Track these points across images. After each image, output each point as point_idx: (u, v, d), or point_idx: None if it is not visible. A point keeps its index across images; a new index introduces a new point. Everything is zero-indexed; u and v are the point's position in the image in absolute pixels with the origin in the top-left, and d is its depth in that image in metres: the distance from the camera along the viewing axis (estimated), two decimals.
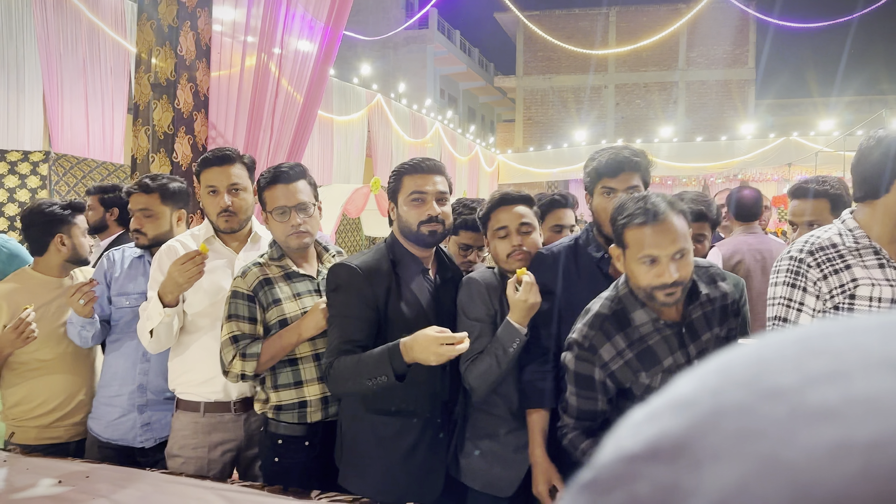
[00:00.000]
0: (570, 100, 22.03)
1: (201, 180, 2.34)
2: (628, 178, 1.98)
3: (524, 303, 1.90)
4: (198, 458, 2.27)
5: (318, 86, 4.20)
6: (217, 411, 2.30)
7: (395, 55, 22.62)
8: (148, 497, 1.97)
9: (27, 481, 2.07)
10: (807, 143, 15.10)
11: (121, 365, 2.45)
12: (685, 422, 0.21)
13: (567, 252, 2.08)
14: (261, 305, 2.14)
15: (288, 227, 2.14)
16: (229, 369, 2.10)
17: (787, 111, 22.51)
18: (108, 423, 2.45)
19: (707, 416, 0.21)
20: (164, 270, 2.28)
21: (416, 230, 1.98)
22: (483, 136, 22.07)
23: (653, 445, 0.21)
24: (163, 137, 3.72)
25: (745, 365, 0.22)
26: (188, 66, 3.79)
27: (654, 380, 1.74)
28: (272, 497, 1.97)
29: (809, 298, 1.79)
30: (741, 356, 0.23)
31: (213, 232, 2.38)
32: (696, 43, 21.07)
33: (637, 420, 0.23)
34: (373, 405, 1.98)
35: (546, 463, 1.95)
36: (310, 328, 2.09)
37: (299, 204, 2.16)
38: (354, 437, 2.03)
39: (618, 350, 1.76)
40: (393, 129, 12.62)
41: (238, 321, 2.12)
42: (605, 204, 1.99)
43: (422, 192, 1.98)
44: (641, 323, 1.75)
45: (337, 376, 1.89)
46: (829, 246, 1.81)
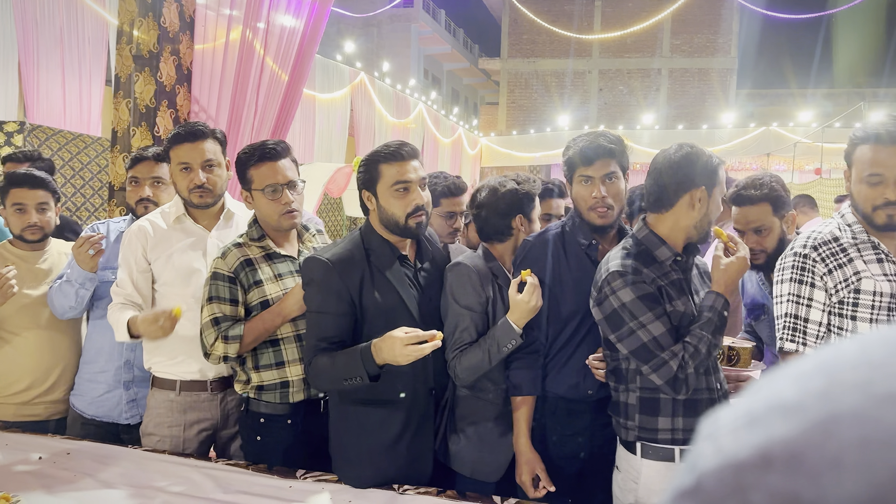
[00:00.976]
0: (554, 84, 22.00)
1: (172, 156, 2.27)
2: (604, 165, 1.98)
3: (526, 304, 1.89)
4: (173, 437, 2.25)
5: (304, 64, 4.14)
6: (193, 390, 2.28)
7: (380, 33, 22.39)
8: (130, 474, 1.96)
9: (7, 458, 2.05)
10: (786, 133, 15.25)
11: (106, 341, 2.41)
12: (797, 428, 0.20)
13: (555, 240, 2.08)
14: (242, 287, 2.11)
15: (280, 206, 2.11)
16: (211, 351, 2.07)
17: (766, 101, 22.69)
18: (92, 400, 2.43)
19: (822, 422, 0.20)
20: (131, 254, 2.26)
21: (403, 223, 1.93)
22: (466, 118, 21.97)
23: (764, 453, 0.20)
24: (144, 111, 3.65)
25: (852, 367, 0.21)
26: (171, 38, 3.72)
27: (685, 307, 1.81)
28: (257, 476, 1.97)
29: (818, 293, 1.82)
30: (842, 357, 0.22)
31: (184, 210, 2.33)
32: (680, 30, 21.10)
33: (733, 423, 0.22)
34: (357, 395, 1.97)
35: (531, 453, 1.97)
36: (292, 309, 2.07)
37: (290, 181, 2.12)
38: (341, 427, 2.02)
39: (652, 275, 1.81)
40: (376, 108, 12.50)
41: (219, 303, 2.09)
42: (584, 192, 1.99)
43: (406, 181, 1.91)
44: (665, 258, 1.83)
45: (316, 375, 1.90)
46: (832, 240, 1.85)
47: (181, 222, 2.32)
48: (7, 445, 2.15)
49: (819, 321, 1.83)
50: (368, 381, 1.79)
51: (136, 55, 3.61)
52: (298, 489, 1.89)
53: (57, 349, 2.50)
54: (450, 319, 2.02)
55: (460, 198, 2.57)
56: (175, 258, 2.26)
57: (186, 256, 2.28)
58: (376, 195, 1.95)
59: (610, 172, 1.98)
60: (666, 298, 1.80)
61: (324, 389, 2.04)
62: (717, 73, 21.12)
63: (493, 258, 2.13)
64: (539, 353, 2.03)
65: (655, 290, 1.79)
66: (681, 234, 1.84)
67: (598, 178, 1.98)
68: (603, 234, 2.07)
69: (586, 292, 2.01)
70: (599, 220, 2.00)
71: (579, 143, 2.01)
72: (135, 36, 3.60)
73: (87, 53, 7.36)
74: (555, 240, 2.07)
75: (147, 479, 1.93)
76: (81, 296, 2.38)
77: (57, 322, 2.48)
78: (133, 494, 1.82)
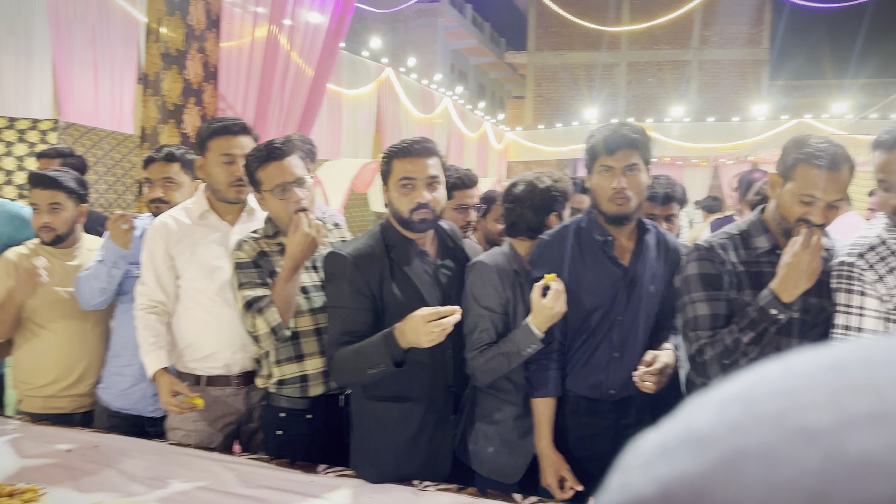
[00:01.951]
0: (582, 77, 21.81)
1: (212, 147, 2.29)
2: (626, 155, 1.93)
3: (549, 310, 1.86)
4: (198, 432, 2.28)
5: (329, 59, 4.16)
6: (218, 385, 2.31)
7: (406, 28, 22.39)
8: (156, 467, 1.99)
9: (38, 449, 2.10)
10: (820, 125, 14.94)
11: (132, 334, 2.45)
12: (703, 463, 0.18)
13: (571, 236, 2.04)
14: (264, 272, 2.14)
15: (290, 204, 2.11)
16: (256, 332, 2.04)
17: (800, 93, 22.23)
18: (118, 393, 2.47)
19: (728, 458, 0.18)
20: (155, 250, 2.28)
21: (406, 217, 1.95)
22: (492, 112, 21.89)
23: (666, 489, 0.19)
24: (172, 108, 3.70)
25: (772, 395, 0.19)
26: (198, 36, 3.76)
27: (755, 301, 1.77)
28: (279, 470, 1.99)
29: (870, 301, 1.75)
30: (766, 383, 0.20)
31: (208, 205, 2.36)
32: (711, 22, 20.76)
33: (648, 453, 0.21)
34: (376, 392, 1.98)
35: (554, 454, 1.95)
36: (295, 251, 2.03)
37: (297, 179, 2.12)
38: (361, 423, 2.03)
39: (732, 261, 1.79)
40: (402, 103, 12.52)
41: (249, 288, 2.09)
42: (604, 182, 1.95)
43: (411, 178, 1.93)
44: (761, 248, 1.80)
45: (338, 368, 1.90)
46: (879, 244, 1.78)
47: (205, 218, 2.35)
48: (36, 438, 2.19)
49: (875, 329, 1.74)
50: (393, 368, 1.78)
51: (164, 53, 3.66)
52: (320, 484, 1.90)
53: (83, 343, 2.54)
54: (469, 319, 2.00)
55: (472, 190, 2.58)
56: (199, 253, 2.29)
57: (210, 251, 2.31)
58: (389, 189, 1.99)
59: (631, 164, 1.93)
60: (736, 285, 1.77)
61: (346, 383, 2.03)
62: (749, 64, 20.75)
63: (518, 257, 2.11)
64: (558, 353, 2.00)
65: (727, 273, 1.77)
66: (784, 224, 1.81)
67: (619, 169, 1.93)
68: (620, 225, 1.99)
69: (604, 290, 1.98)
70: (616, 208, 1.94)
71: (602, 133, 1.97)
72: (162, 34, 3.65)
73: (118, 52, 7.48)
74: (570, 237, 2.03)
75: (171, 472, 1.95)
76: (114, 275, 2.40)
77: (84, 316, 2.52)
78: (157, 487, 1.85)
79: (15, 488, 1.74)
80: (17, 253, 2.51)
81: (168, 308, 2.31)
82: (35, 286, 2.31)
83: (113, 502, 1.69)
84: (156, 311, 2.28)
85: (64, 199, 2.48)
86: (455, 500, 1.81)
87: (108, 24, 7.36)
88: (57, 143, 5.88)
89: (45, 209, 2.45)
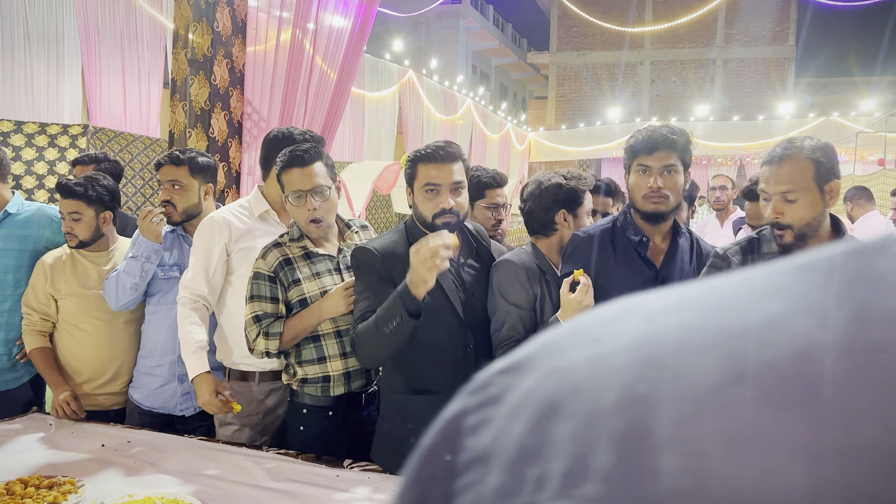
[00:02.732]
0: (604, 77, 21.71)
1: (285, 182, 2.15)
2: (665, 156, 1.95)
3: (578, 304, 1.88)
4: (252, 425, 2.35)
5: (352, 63, 4.21)
6: (271, 380, 2.38)
7: (428, 31, 22.48)
8: (187, 462, 2.05)
9: (73, 444, 2.17)
10: (847, 123, 14.72)
11: (161, 335, 2.51)
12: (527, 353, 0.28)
13: (602, 235, 2.04)
14: (282, 285, 2.17)
15: (304, 212, 2.13)
16: (254, 346, 2.15)
17: (827, 90, 21.93)
18: (149, 392, 2.53)
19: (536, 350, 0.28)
20: (213, 244, 2.32)
21: (430, 222, 1.98)
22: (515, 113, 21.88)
23: (509, 362, 0.29)
24: (199, 113, 3.77)
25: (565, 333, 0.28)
26: (224, 41, 3.83)
27: None
28: (305, 465, 2.03)
29: None
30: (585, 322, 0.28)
31: (268, 205, 2.42)
32: (735, 19, 20.54)
33: None
34: (400, 385, 2.03)
35: None
36: (329, 310, 2.13)
37: (315, 188, 2.12)
38: (384, 416, 2.08)
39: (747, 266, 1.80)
40: (424, 105, 12.58)
41: (260, 301, 2.15)
42: (641, 182, 1.97)
43: (435, 184, 1.96)
44: (769, 252, 1.83)
45: (359, 339, 1.91)
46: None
47: (265, 219, 2.42)
48: (73, 434, 2.27)
49: None
50: (409, 319, 1.77)
51: (192, 59, 3.73)
52: (345, 478, 1.94)
53: (117, 343, 2.61)
54: (497, 316, 2.03)
55: (503, 189, 2.62)
56: (258, 251, 2.31)
57: None
58: (413, 192, 2.03)
59: (669, 165, 1.95)
60: None
61: (367, 354, 1.96)
62: (775, 62, 20.50)
63: (540, 254, 2.14)
64: None
65: None
66: None
67: (657, 169, 1.95)
68: (655, 223, 2.01)
69: (635, 288, 1.98)
70: (652, 205, 1.97)
71: (642, 133, 2.00)
72: (190, 40, 3.72)
73: (145, 57, 7.63)
74: (603, 234, 2.05)
75: (202, 466, 2.01)
76: (146, 270, 2.44)
77: (116, 317, 2.59)
78: (188, 481, 1.90)
79: (54, 480, 1.80)
80: (54, 256, 2.59)
81: (209, 303, 2.37)
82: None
83: (146, 495, 1.75)
84: (197, 305, 2.33)
85: (83, 207, 2.53)
86: None
87: (136, 31, 7.51)
88: (86, 148, 6.02)
89: (67, 217, 2.54)
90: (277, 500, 1.81)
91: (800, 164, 1.74)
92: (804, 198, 1.72)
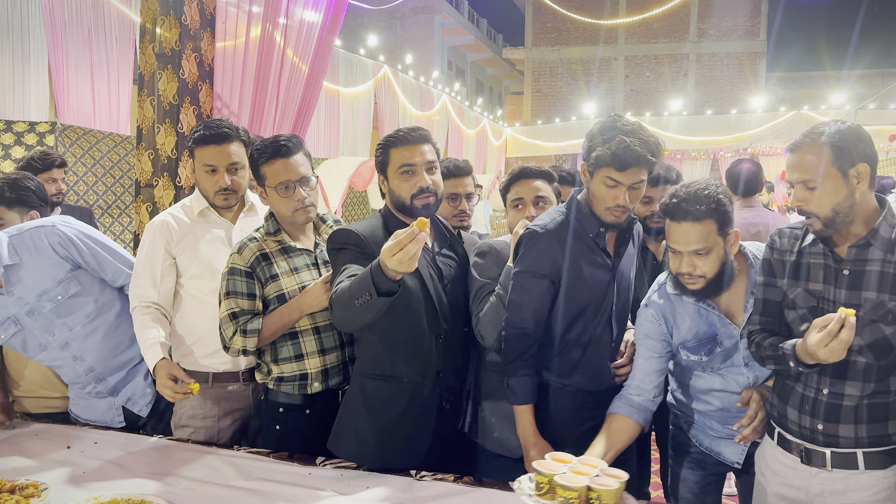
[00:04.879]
0: (580, 72, 21.79)
1: (197, 156, 2.30)
2: (636, 173, 1.88)
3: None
4: (207, 428, 2.29)
5: (324, 56, 4.17)
6: (226, 381, 2.31)
7: (403, 26, 22.37)
8: (155, 462, 2.00)
9: (38, 447, 2.11)
10: (818, 116, 14.92)
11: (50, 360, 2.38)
12: None
13: (559, 230, 2.00)
14: (259, 281, 2.14)
15: (293, 202, 2.13)
16: (230, 345, 2.11)
17: (798, 84, 22.22)
18: (89, 410, 2.41)
19: None
20: (154, 249, 2.25)
21: (409, 203, 1.97)
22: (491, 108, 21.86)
23: None
24: (168, 108, 3.71)
25: None
26: (193, 35, 3.76)
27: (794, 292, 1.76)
28: (278, 463, 2.00)
29: None
30: None
31: (207, 203, 2.36)
32: (708, 14, 20.73)
33: None
34: (368, 369, 2.02)
35: (539, 439, 1.97)
36: (310, 305, 2.10)
37: (302, 178, 2.14)
38: (347, 401, 2.06)
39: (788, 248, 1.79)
40: (400, 101, 12.51)
41: (236, 298, 2.12)
42: (606, 193, 1.91)
43: (410, 164, 1.97)
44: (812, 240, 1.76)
45: (334, 302, 1.81)
46: None
47: (205, 216, 2.36)
48: (37, 435, 2.21)
49: None
50: (378, 297, 1.67)
51: (159, 53, 3.66)
52: (318, 476, 1.91)
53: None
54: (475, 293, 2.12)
55: (465, 179, 2.58)
56: (202, 251, 2.29)
57: (213, 249, 2.31)
58: (387, 178, 2.01)
59: (639, 181, 1.90)
60: (780, 273, 1.79)
61: (341, 321, 1.88)
62: (747, 56, 20.71)
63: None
64: (532, 358, 2.02)
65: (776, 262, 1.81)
66: None
67: (626, 186, 1.89)
68: (611, 228, 2.02)
69: (599, 280, 1.99)
70: (612, 219, 1.95)
71: (614, 144, 1.85)
72: (157, 34, 3.65)
73: (114, 53, 7.47)
74: (560, 229, 2.00)
75: (171, 466, 1.97)
76: None
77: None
78: (158, 482, 1.86)
79: (16, 483, 1.75)
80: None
81: (162, 308, 2.29)
82: None
83: (112, 497, 1.70)
84: (150, 310, 2.26)
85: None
86: (452, 489, 1.83)
87: (104, 26, 7.35)
88: (54, 146, 5.89)
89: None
90: (248, 499, 1.77)
91: (818, 150, 1.67)
92: (825, 184, 1.65)
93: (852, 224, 1.68)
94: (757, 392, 1.92)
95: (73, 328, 2.31)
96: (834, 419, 1.70)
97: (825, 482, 1.73)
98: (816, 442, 1.73)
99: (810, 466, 1.75)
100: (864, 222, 1.68)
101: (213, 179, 2.28)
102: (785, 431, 1.80)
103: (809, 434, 1.74)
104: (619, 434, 1.92)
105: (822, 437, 1.72)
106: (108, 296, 2.39)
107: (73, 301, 2.30)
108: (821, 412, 1.72)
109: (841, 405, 1.70)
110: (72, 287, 2.28)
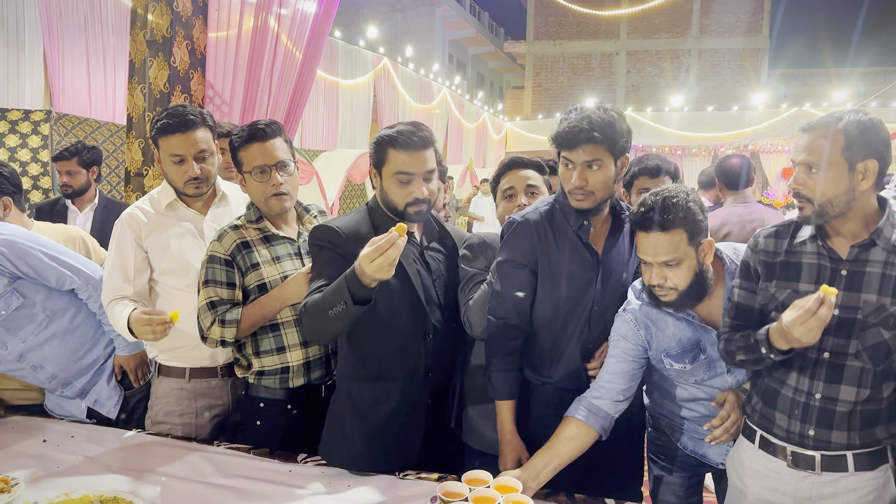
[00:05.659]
0: (581, 66, 21.71)
1: (162, 146, 2.17)
2: (586, 152, 1.81)
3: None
4: (185, 425, 2.23)
5: (318, 43, 4.11)
6: (203, 377, 2.25)
7: (403, 18, 22.26)
8: (132, 457, 1.95)
9: (12, 440, 2.06)
10: (819, 113, 14.86)
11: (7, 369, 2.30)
12: None
13: (542, 220, 1.95)
14: (239, 270, 2.07)
15: (268, 188, 2.06)
16: (208, 335, 2.04)
17: (800, 81, 22.12)
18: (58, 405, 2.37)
19: None
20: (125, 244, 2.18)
21: (401, 210, 1.90)
22: (491, 102, 21.79)
23: None
24: (158, 96, 3.65)
25: None
26: (184, 22, 3.70)
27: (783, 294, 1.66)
28: (258, 460, 1.95)
29: None
30: None
31: (175, 195, 2.26)
32: (710, 10, 20.64)
33: None
34: (355, 371, 1.95)
35: (516, 439, 1.93)
36: (291, 296, 2.03)
37: (279, 162, 2.07)
38: (335, 405, 2.00)
39: (773, 249, 1.70)
40: (399, 93, 12.45)
41: (215, 286, 2.05)
42: (565, 175, 1.87)
43: (409, 173, 1.86)
44: (803, 239, 1.67)
45: (306, 314, 1.77)
46: None
47: (174, 208, 2.26)
48: (13, 428, 2.16)
49: None
50: (353, 306, 1.62)
51: (150, 40, 3.60)
52: (298, 473, 1.86)
53: None
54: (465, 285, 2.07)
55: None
56: (173, 246, 2.20)
57: (184, 243, 2.23)
58: (381, 176, 1.92)
59: (591, 160, 1.82)
60: (766, 276, 1.69)
61: (313, 333, 1.86)
62: (749, 52, 20.63)
63: None
64: (517, 354, 1.97)
65: (759, 264, 1.71)
66: None
67: (578, 165, 1.83)
68: (587, 216, 1.93)
69: (579, 275, 1.93)
70: (576, 203, 1.88)
71: (564, 122, 1.86)
72: (148, 20, 3.59)
73: (110, 41, 7.40)
74: (542, 219, 1.95)
75: (147, 462, 1.92)
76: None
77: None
78: (133, 478, 1.81)
79: None
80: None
81: (137, 303, 2.19)
82: None
83: (84, 493, 1.65)
84: (123, 301, 2.17)
85: None
86: (435, 489, 1.78)
87: (100, 14, 7.29)
88: (49, 135, 5.84)
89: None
90: (225, 496, 1.72)
91: (830, 134, 1.55)
92: (828, 171, 1.56)
93: (849, 222, 1.60)
94: (732, 394, 1.85)
95: (25, 340, 2.21)
96: (827, 425, 1.64)
97: (814, 486, 1.67)
98: (806, 446, 1.67)
99: (798, 470, 1.68)
100: (863, 222, 1.60)
101: (181, 169, 2.17)
102: (769, 435, 1.74)
103: (798, 438, 1.67)
104: (566, 445, 1.81)
105: (812, 442, 1.66)
106: (58, 302, 2.26)
107: (19, 314, 2.19)
108: (812, 417, 1.65)
109: (835, 411, 1.63)
110: (14, 300, 2.16)
